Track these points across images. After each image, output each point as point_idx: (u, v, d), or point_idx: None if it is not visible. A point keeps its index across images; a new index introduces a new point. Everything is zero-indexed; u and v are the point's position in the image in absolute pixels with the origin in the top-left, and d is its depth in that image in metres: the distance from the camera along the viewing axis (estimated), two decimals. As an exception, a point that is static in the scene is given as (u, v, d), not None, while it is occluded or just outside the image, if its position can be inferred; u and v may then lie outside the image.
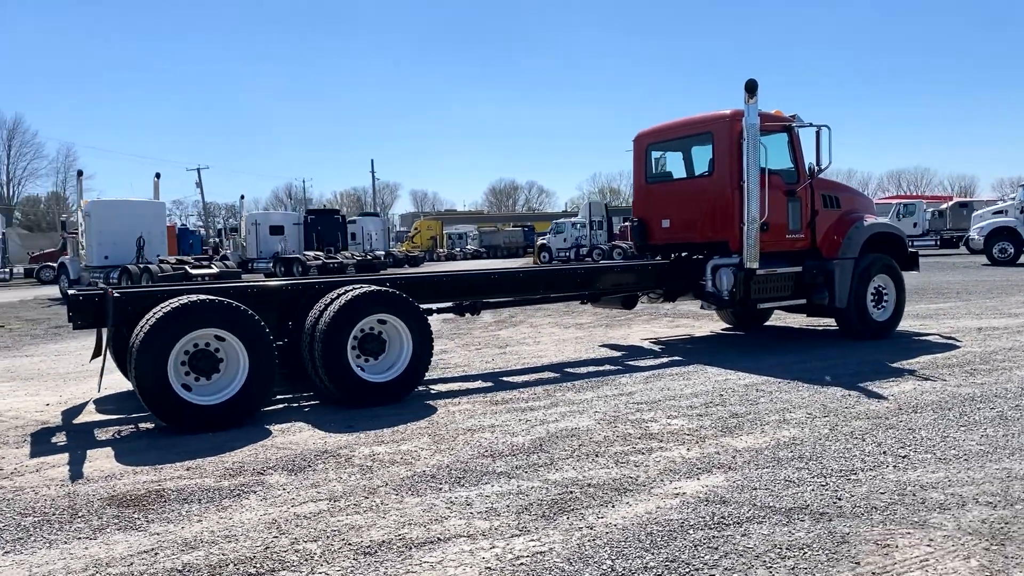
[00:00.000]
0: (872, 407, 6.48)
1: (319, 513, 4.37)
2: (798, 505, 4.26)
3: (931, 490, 4.44)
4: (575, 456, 5.34)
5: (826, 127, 9.57)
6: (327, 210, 46.13)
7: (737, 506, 4.28)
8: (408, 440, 5.88)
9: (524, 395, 7.42)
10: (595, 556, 3.66)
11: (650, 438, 5.74)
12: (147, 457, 5.64)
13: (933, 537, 3.78)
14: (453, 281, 8.57)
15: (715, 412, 6.48)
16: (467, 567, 3.59)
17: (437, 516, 4.26)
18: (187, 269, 22.43)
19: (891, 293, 10.42)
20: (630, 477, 4.85)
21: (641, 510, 4.27)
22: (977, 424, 5.84)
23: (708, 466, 5.02)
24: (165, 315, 6.19)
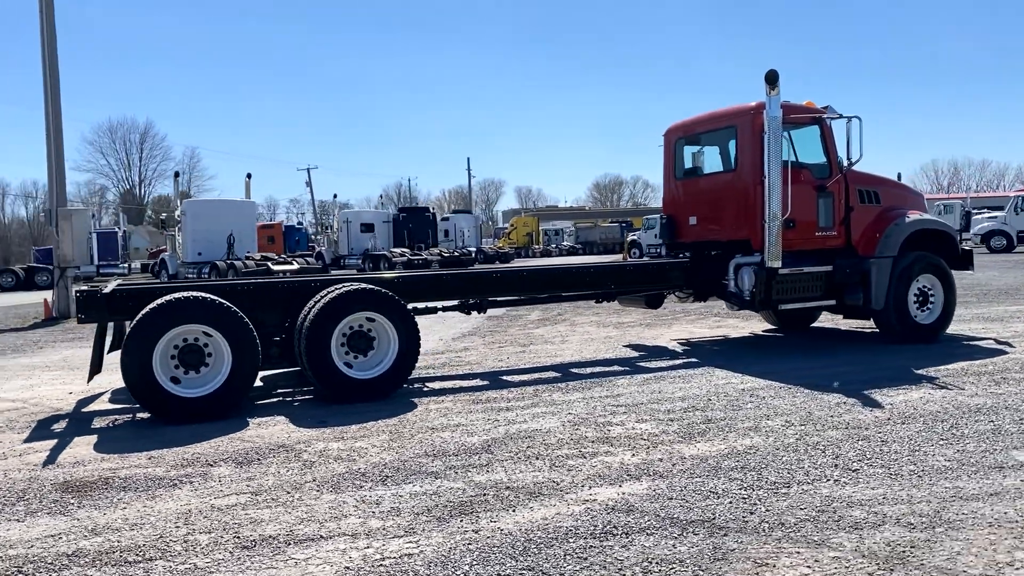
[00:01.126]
0: (860, 416, 6.11)
1: (233, 506, 4.51)
2: (703, 518, 4.08)
3: (856, 507, 4.16)
4: (515, 458, 5.29)
5: (857, 118, 9.04)
6: (418, 208, 47.11)
7: (639, 516, 4.14)
8: (366, 437, 5.97)
9: (511, 395, 7.39)
10: (458, 561, 3.63)
11: (603, 442, 5.61)
12: (123, 446, 5.96)
13: (820, 558, 3.54)
14: (455, 280, 8.62)
15: (690, 417, 6.27)
16: (328, 566, 3.63)
17: (339, 514, 4.32)
18: (269, 265, 23.45)
19: (938, 294, 9.75)
20: (554, 481, 4.77)
21: (539, 516, 4.19)
22: (961, 438, 5.42)
23: (640, 473, 4.87)
24: (150, 311, 6.52)
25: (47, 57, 17.30)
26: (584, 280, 9.20)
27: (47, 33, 17.26)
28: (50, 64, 17.32)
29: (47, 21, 17.24)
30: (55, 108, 17.32)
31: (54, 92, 17.32)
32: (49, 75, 17.32)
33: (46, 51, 17.31)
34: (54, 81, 17.33)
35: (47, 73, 17.31)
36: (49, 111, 17.31)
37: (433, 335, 12.01)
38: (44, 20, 17.24)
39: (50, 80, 17.31)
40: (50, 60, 17.32)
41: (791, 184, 9.07)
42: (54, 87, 17.33)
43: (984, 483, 4.48)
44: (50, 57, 17.32)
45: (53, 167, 17.37)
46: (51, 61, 17.32)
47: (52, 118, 17.30)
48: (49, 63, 17.32)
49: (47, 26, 17.24)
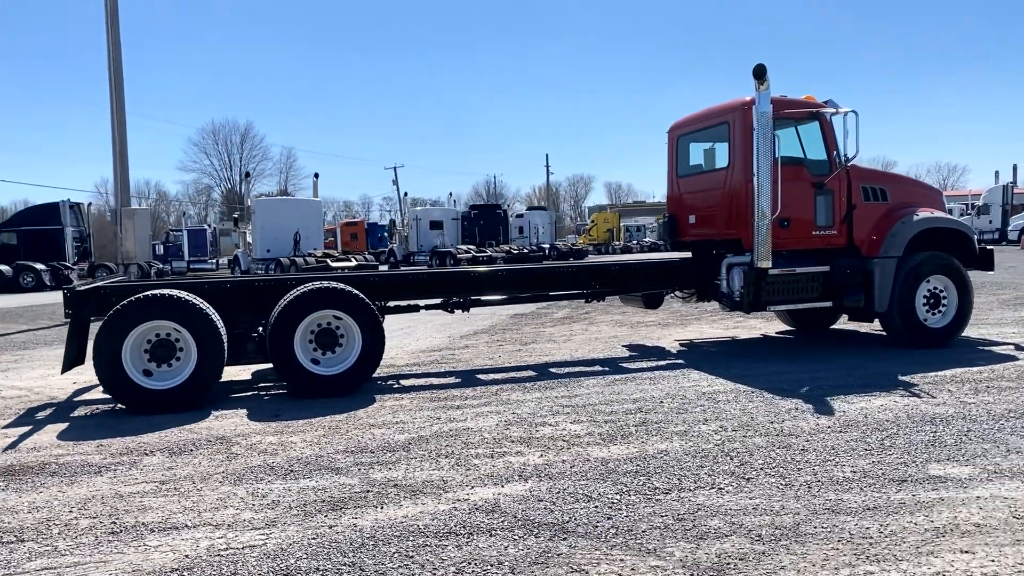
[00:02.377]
0: (800, 424, 5.92)
1: (134, 493, 4.77)
2: (556, 521, 4.08)
3: (718, 517, 4.07)
4: (426, 457, 5.38)
5: (853, 112, 8.68)
6: (489, 205, 47.58)
7: (497, 517, 4.17)
8: (303, 432, 6.18)
9: (473, 393, 7.47)
10: (290, 554, 3.76)
11: (522, 442, 5.64)
12: (83, 434, 6.36)
13: (639, 567, 3.51)
14: (433, 279, 8.75)
15: (628, 419, 6.21)
16: (172, 553, 3.82)
17: (221, 505, 4.52)
18: (328, 262, 24.19)
19: (951, 296, 9.25)
20: (444, 480, 4.84)
21: (401, 514, 4.28)
22: (887, 449, 5.19)
23: (533, 475, 4.89)
24: (118, 309, 6.91)
25: (112, 72, 18.37)
26: (566, 280, 9.16)
27: (112, 43, 18.31)
28: (115, 75, 18.37)
29: (112, 34, 18.29)
30: (120, 117, 18.37)
31: (119, 102, 18.36)
32: (114, 87, 18.37)
33: (111, 66, 18.37)
34: (119, 92, 18.37)
35: (112, 84, 18.38)
36: (114, 120, 18.37)
37: (442, 333, 12.20)
38: (109, 34, 18.30)
39: (115, 91, 18.35)
40: (115, 74, 18.37)
41: (786, 182, 8.81)
42: (119, 98, 18.37)
43: (871, 496, 4.30)
44: (115, 73, 18.37)
45: (118, 170, 18.44)
46: (116, 74, 18.38)
47: (117, 125, 18.35)
48: (115, 75, 18.37)
49: (112, 38, 18.29)
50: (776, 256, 8.94)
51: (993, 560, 3.45)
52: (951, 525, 3.86)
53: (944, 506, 4.12)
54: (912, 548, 3.60)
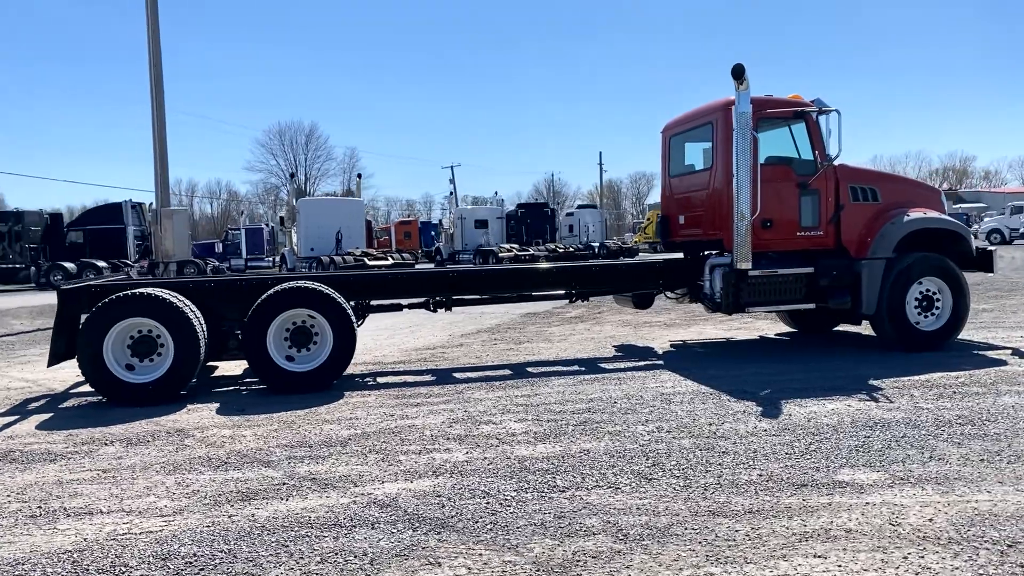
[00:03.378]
0: (740, 426, 5.92)
1: (74, 480, 5.09)
2: (442, 516, 4.22)
3: (597, 515, 4.15)
4: (358, 452, 5.57)
5: (836, 111, 8.54)
6: (537, 204, 47.69)
7: (388, 510, 4.33)
8: (258, 426, 6.44)
9: (440, 391, 7.65)
10: (178, 540, 3.99)
11: (456, 439, 5.79)
12: (60, 424, 6.75)
13: (493, 561, 3.62)
14: (412, 279, 8.95)
15: (571, 419, 6.29)
16: (75, 536, 4.09)
17: (143, 493, 4.79)
18: (365, 260, 24.70)
19: (945, 299, 9.01)
20: (359, 475, 5.03)
21: (301, 506, 4.48)
22: (810, 453, 5.17)
23: (446, 471, 5.03)
24: (99, 307, 7.31)
25: (152, 79, 19.12)
26: (544, 281, 9.23)
27: (152, 51, 19.06)
28: (156, 82, 19.12)
29: (152, 42, 19.04)
30: (160, 121, 19.12)
31: (159, 108, 19.11)
32: (155, 94, 19.13)
33: (152, 73, 19.12)
34: (159, 99, 19.13)
35: (152, 91, 19.13)
36: (155, 124, 19.14)
37: (445, 331, 12.41)
38: (150, 42, 19.05)
39: (155, 98, 19.11)
40: (156, 80, 19.12)
41: (770, 182, 8.75)
42: (159, 104, 19.12)
43: (762, 500, 4.31)
44: (156, 80, 19.12)
45: (158, 171, 19.20)
46: (156, 80, 19.13)
47: (157, 129, 19.11)
48: (155, 82, 19.13)
49: (152, 47, 19.04)
50: (761, 257, 8.87)
51: (840, 565, 3.45)
52: (821, 530, 3.85)
53: (827, 511, 4.11)
54: (767, 551, 3.62)
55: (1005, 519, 3.91)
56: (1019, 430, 5.54)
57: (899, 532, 3.80)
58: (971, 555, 3.51)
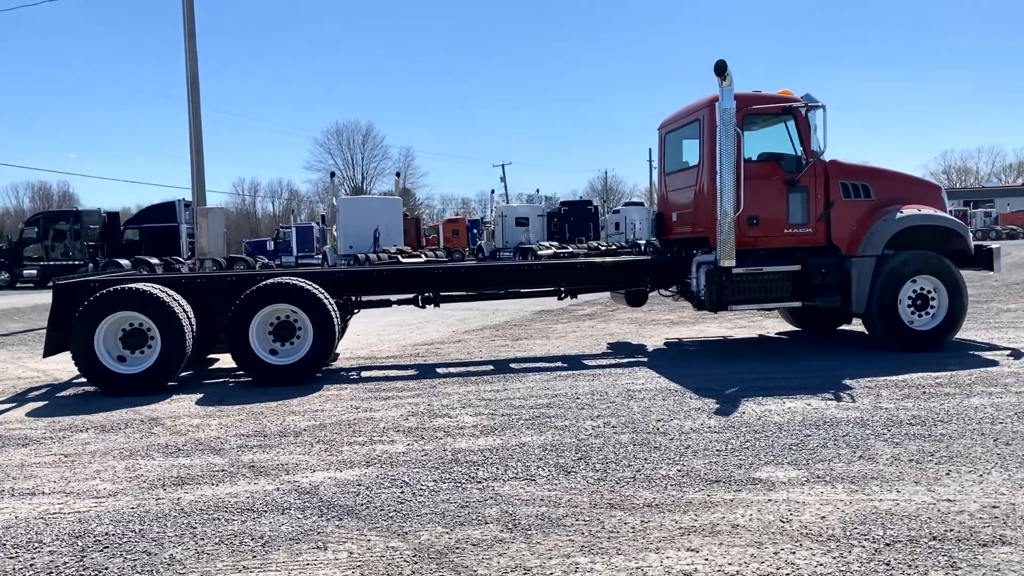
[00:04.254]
0: (688, 423, 5.93)
1: (33, 464, 5.40)
2: (352, 504, 4.38)
3: (499, 506, 4.25)
4: (307, 442, 5.76)
5: (820, 107, 8.43)
6: (580, 201, 47.53)
7: (304, 497, 4.51)
8: (226, 416, 6.70)
9: (416, 385, 7.81)
10: (97, 520, 4.23)
11: (405, 432, 5.94)
12: (50, 411, 7.13)
13: (377, 545, 3.76)
14: (396, 275, 9.13)
15: (527, 414, 6.39)
16: (11, 515, 4.37)
17: (91, 477, 5.06)
18: (399, 258, 25.04)
19: (941, 298, 8.80)
20: (297, 463, 5.22)
21: (227, 491, 4.68)
22: (741, 450, 5.17)
23: (380, 461, 5.18)
24: (90, 302, 7.68)
25: (189, 85, 19.76)
26: (530, 278, 9.29)
27: (189, 58, 19.70)
28: (192, 87, 19.76)
29: (189, 49, 19.67)
30: (196, 124, 19.77)
31: (195, 111, 19.75)
32: (191, 98, 19.76)
33: (188, 78, 19.76)
34: (195, 103, 19.76)
35: (189, 96, 19.77)
36: (191, 126, 19.78)
37: (452, 328, 12.58)
38: (187, 50, 19.69)
39: (192, 102, 19.75)
40: (192, 85, 19.75)
41: (756, 179, 8.69)
42: (195, 107, 19.76)
43: (667, 494, 4.35)
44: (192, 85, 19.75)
45: (194, 170, 19.86)
46: (193, 85, 19.76)
47: (193, 131, 19.76)
48: (191, 87, 19.76)
49: (189, 54, 19.67)
50: (748, 255, 8.81)
51: (707, 559, 3.49)
52: (709, 525, 3.88)
53: (725, 507, 4.13)
54: (643, 544, 3.67)
55: (900, 518, 3.88)
56: (966, 432, 5.43)
57: (785, 529, 3.80)
58: (843, 552, 3.50)
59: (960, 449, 5.03)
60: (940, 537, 3.64)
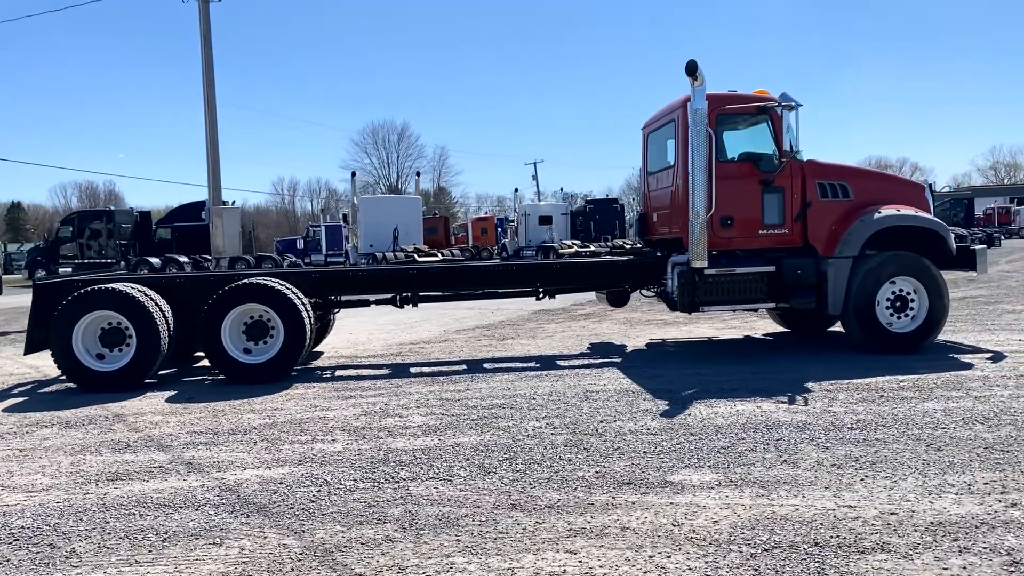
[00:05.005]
0: (630, 425, 5.94)
1: (-12, 458, 5.62)
2: (267, 501, 4.49)
3: (405, 505, 4.33)
4: (252, 440, 5.90)
5: (791, 107, 8.34)
6: (606, 200, 47.32)
7: (224, 493, 4.63)
8: (187, 414, 6.88)
9: (383, 385, 7.92)
10: (21, 514, 4.40)
11: (349, 431, 6.05)
12: (26, 407, 7.39)
13: (271, 541, 3.86)
14: (371, 276, 9.26)
15: (477, 414, 6.45)
16: (-59, 506, 4.56)
17: (36, 471, 5.26)
18: (415, 256, 25.25)
19: (921, 299, 8.65)
20: (232, 460, 5.35)
21: (153, 487, 4.83)
22: (666, 453, 5.17)
23: (312, 460, 5.29)
24: (68, 301, 7.92)
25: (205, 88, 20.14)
26: (506, 278, 9.33)
27: (205, 62, 20.08)
28: (208, 90, 20.14)
29: (205, 53, 20.05)
30: (212, 126, 20.14)
31: (211, 114, 20.13)
32: (207, 101, 20.15)
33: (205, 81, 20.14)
34: (211, 106, 20.15)
35: (205, 99, 20.16)
36: (208, 129, 20.17)
37: (442, 327, 12.67)
38: (203, 53, 20.06)
39: (208, 105, 20.14)
40: (208, 88, 20.14)
41: (730, 179, 8.64)
42: (211, 110, 20.14)
43: (574, 496, 4.38)
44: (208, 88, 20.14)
45: (210, 171, 20.24)
46: (208, 88, 20.14)
47: (209, 134, 20.14)
48: (207, 90, 20.15)
49: (205, 57, 20.05)
50: (722, 255, 8.77)
51: (581, 561, 3.52)
52: (600, 527, 3.91)
53: (623, 509, 4.15)
54: (525, 545, 3.72)
55: (792, 524, 3.87)
56: (903, 437, 5.36)
57: (672, 533, 3.82)
58: (717, 558, 3.51)
59: (888, 454, 4.98)
60: (822, 543, 3.62)
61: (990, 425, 5.57)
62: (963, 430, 5.48)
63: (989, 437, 5.28)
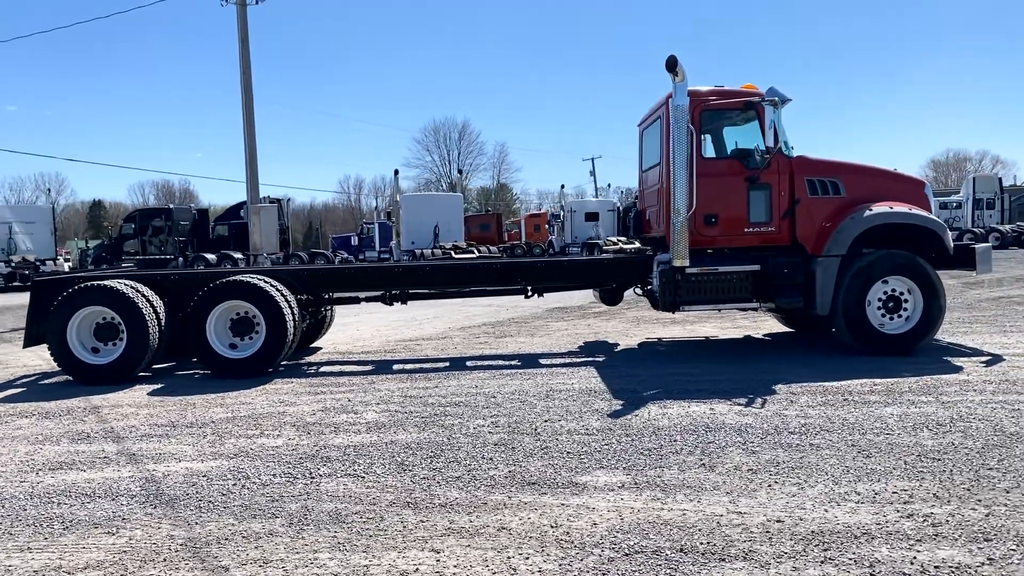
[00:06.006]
0: (573, 425, 5.91)
1: (-44, 446, 5.94)
2: (180, 493, 4.64)
3: (306, 501, 4.42)
4: (202, 433, 6.09)
5: (772, 102, 8.13)
6: (654, 196, 46.82)
7: (147, 484, 4.80)
8: (159, 407, 7.12)
9: (359, 381, 8.06)
10: (-46, 499, 4.66)
11: (297, 427, 6.18)
12: (20, 398, 7.76)
13: (159, 533, 4.00)
14: (358, 274, 9.40)
15: (431, 411, 6.52)
16: None
17: (-10, 458, 5.54)
18: (452, 253, 25.52)
19: (915, 299, 8.35)
20: (171, 453, 5.54)
21: (85, 478, 5.03)
22: (588, 454, 5.14)
23: (247, 454, 5.44)
24: (62, 297, 8.28)
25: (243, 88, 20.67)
26: (492, 276, 9.32)
27: (243, 63, 20.62)
28: (246, 91, 20.67)
29: (243, 54, 20.58)
30: (250, 127, 20.67)
31: (249, 115, 20.66)
32: (245, 103, 20.68)
33: (243, 82, 20.67)
34: (249, 108, 20.67)
35: (243, 100, 20.69)
36: (246, 130, 20.71)
37: (448, 324, 12.77)
38: (241, 54, 20.60)
39: (245, 107, 20.66)
40: (246, 90, 20.67)
41: (714, 176, 8.52)
42: (248, 112, 20.67)
43: (471, 495, 4.41)
44: (246, 90, 20.66)
45: (248, 171, 20.79)
46: (246, 90, 20.67)
47: (247, 135, 20.68)
48: (245, 92, 20.68)
49: (243, 58, 20.58)
50: (708, 254, 8.64)
51: (439, 560, 3.55)
52: (478, 527, 3.93)
53: (512, 510, 4.15)
54: (395, 543, 3.76)
55: (671, 529, 3.82)
56: (839, 443, 5.21)
57: (545, 534, 3.81)
58: (574, 561, 3.49)
59: (813, 460, 4.85)
60: (688, 550, 3.57)
61: (938, 432, 5.37)
62: (907, 437, 5.29)
63: (930, 444, 5.09)
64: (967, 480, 4.38)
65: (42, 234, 37.04)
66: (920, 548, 3.49)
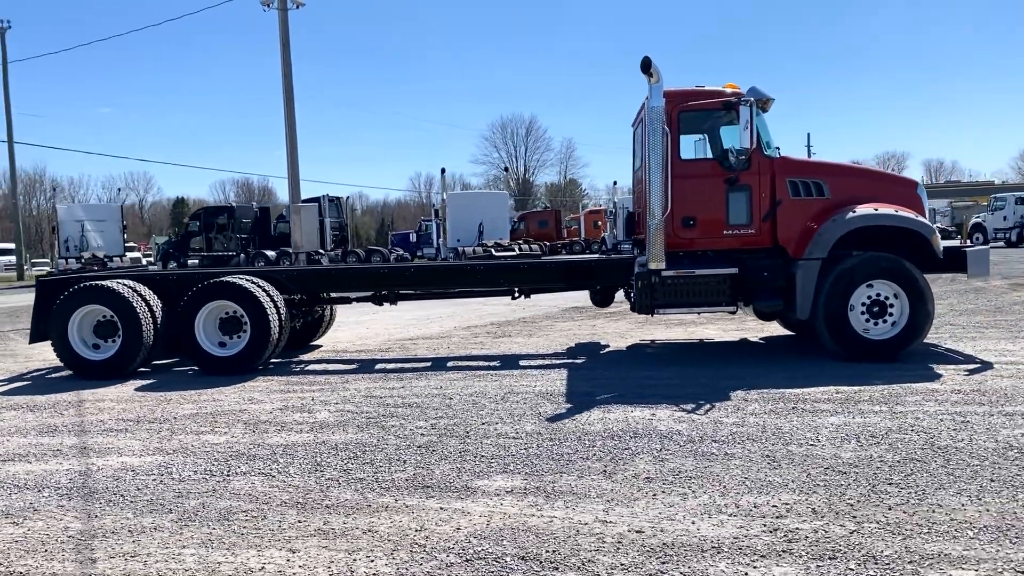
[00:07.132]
0: (518, 428, 5.97)
1: (-63, 436, 6.39)
2: (103, 487, 4.91)
3: (208, 497, 4.62)
4: (160, 429, 6.39)
5: (747, 103, 7.97)
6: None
7: (85, 477, 5.10)
8: (138, 402, 7.49)
9: (335, 379, 8.29)
10: (-98, 487, 5.04)
11: (251, 425, 6.42)
12: (21, 391, 8.29)
13: (77, 522, 4.27)
14: (343, 274, 9.64)
15: (383, 412, 6.67)
16: None
17: (-42, 449, 5.95)
18: (492, 251, 25.68)
19: (901, 304, 8.08)
20: (123, 447, 5.84)
21: (29, 468, 5.37)
22: (497, 459, 5.20)
23: (188, 450, 5.69)
24: (64, 296, 8.76)
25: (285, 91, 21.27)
26: (475, 278, 9.40)
27: (284, 66, 21.21)
28: (287, 94, 21.27)
29: (284, 58, 21.17)
30: (291, 129, 21.27)
31: (290, 117, 21.26)
32: (286, 104, 21.28)
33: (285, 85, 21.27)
34: (290, 109, 21.27)
35: (285, 102, 21.30)
36: (288, 133, 21.32)
37: (455, 323, 12.92)
38: (282, 50, 21.20)
39: (287, 108, 21.26)
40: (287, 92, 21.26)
41: (692, 178, 8.44)
42: (290, 113, 21.27)
43: (361, 497, 4.54)
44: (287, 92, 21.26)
45: (289, 171, 21.40)
46: (288, 92, 21.27)
47: (289, 137, 21.28)
48: (286, 94, 21.27)
49: (284, 62, 21.17)
50: (687, 257, 8.56)
51: (289, 560, 3.68)
52: (348, 528, 4.05)
53: (389, 513, 4.26)
54: (261, 541, 3.92)
55: (529, 535, 3.86)
56: (754, 452, 5.13)
57: (404, 537, 3.91)
58: (414, 565, 3.58)
59: (717, 470, 4.80)
60: (529, 558, 3.61)
61: (865, 444, 5.23)
62: (830, 448, 5.18)
63: (847, 457, 4.97)
64: (858, 495, 4.28)
65: (111, 232, 38.64)
66: (758, 565, 3.45)
